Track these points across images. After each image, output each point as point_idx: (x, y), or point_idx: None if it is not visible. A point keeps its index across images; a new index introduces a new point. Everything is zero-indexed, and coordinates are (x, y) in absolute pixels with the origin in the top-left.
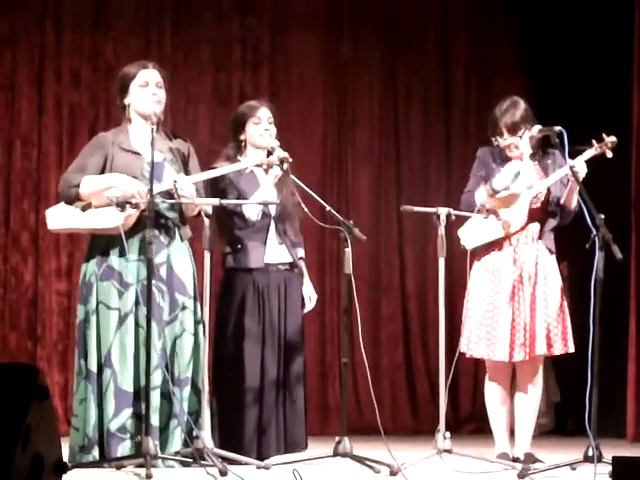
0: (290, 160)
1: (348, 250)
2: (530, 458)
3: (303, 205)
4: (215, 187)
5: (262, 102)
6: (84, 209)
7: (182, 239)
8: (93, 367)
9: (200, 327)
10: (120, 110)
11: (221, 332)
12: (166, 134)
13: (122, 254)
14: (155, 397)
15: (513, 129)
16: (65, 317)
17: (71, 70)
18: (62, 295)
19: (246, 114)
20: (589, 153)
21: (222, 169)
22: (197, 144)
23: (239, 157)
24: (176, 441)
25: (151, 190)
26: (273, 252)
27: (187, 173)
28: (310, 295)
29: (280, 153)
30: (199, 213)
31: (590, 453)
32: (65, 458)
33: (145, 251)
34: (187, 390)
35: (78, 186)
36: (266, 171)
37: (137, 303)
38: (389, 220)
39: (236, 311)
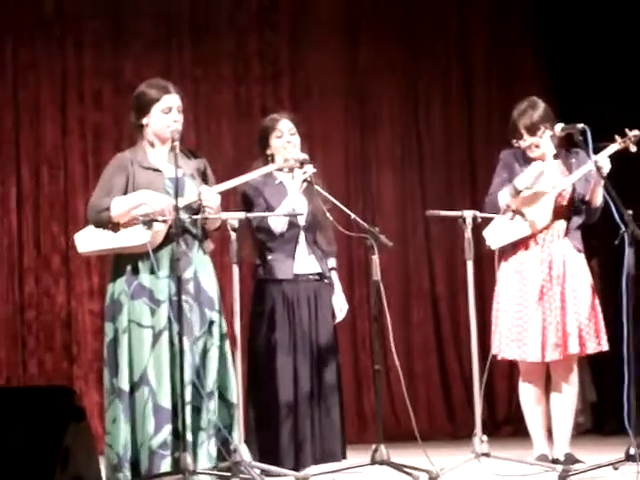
0: (312, 166)
1: (375, 257)
2: (570, 459)
3: (328, 214)
4: (244, 200)
5: (283, 114)
6: (114, 230)
7: (205, 253)
8: (125, 386)
9: (226, 340)
10: (134, 127)
11: (253, 344)
12: (182, 151)
13: (152, 271)
14: (188, 413)
15: (532, 129)
16: (99, 336)
17: (92, 91)
18: (95, 315)
19: (268, 128)
20: (612, 148)
21: (243, 176)
22: (221, 158)
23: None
24: (208, 455)
25: (176, 206)
26: (302, 263)
27: None
28: (341, 306)
29: (300, 156)
30: (220, 226)
31: (632, 452)
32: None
33: (175, 267)
34: (214, 403)
35: (108, 209)
36: (294, 178)
37: (170, 320)
38: (415, 225)
39: (267, 322)
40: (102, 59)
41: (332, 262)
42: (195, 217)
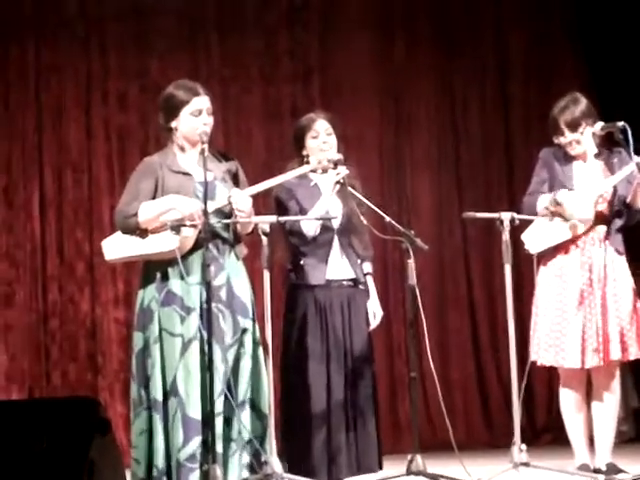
0: (345, 166)
1: (411, 261)
2: (613, 469)
3: (362, 217)
4: (277, 203)
5: (319, 114)
6: (142, 236)
7: (238, 258)
8: (159, 396)
9: (259, 348)
10: (163, 130)
11: (286, 351)
12: (213, 154)
13: (182, 277)
14: (219, 424)
15: (573, 125)
16: (125, 346)
17: (117, 92)
18: (121, 323)
19: (304, 128)
20: None
21: (276, 178)
22: (251, 160)
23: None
24: (239, 467)
25: (205, 210)
26: (335, 268)
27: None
28: (375, 312)
29: (334, 156)
30: (253, 230)
31: None
32: None
33: (204, 273)
34: (247, 413)
35: (136, 215)
36: (328, 179)
37: (200, 328)
38: (452, 227)
39: (299, 329)
40: (127, 59)
41: (367, 267)
42: (225, 221)
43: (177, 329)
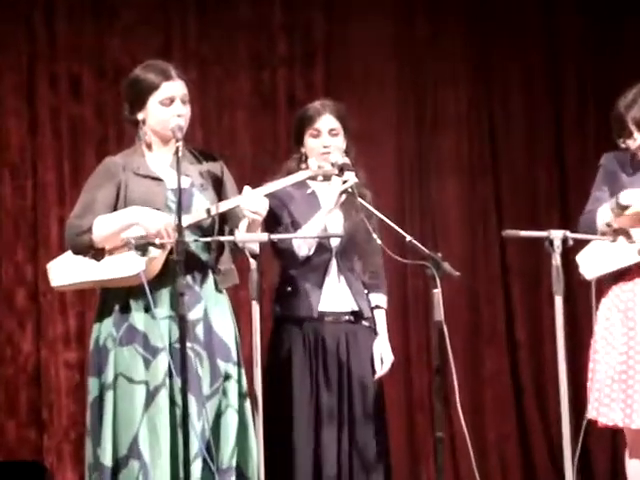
0: (356, 179)
1: (437, 291)
2: None
3: (375, 236)
4: (267, 213)
5: (327, 106)
6: (98, 257)
7: (218, 287)
8: (107, 460)
9: (246, 402)
10: (128, 124)
11: (268, 404)
12: (192, 153)
13: (147, 310)
14: None
15: None
16: (77, 395)
17: (69, 76)
18: (72, 368)
19: (304, 121)
20: None
21: (280, 181)
22: (235, 160)
23: None
24: None
25: (179, 225)
26: (332, 297)
27: (222, 198)
28: (383, 355)
29: (338, 159)
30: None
31: None
32: None
33: (176, 305)
34: None
35: (90, 231)
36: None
37: (171, 373)
38: (488, 249)
39: (282, 375)
40: (81, 35)
41: (377, 298)
42: (204, 239)
43: (138, 375)
